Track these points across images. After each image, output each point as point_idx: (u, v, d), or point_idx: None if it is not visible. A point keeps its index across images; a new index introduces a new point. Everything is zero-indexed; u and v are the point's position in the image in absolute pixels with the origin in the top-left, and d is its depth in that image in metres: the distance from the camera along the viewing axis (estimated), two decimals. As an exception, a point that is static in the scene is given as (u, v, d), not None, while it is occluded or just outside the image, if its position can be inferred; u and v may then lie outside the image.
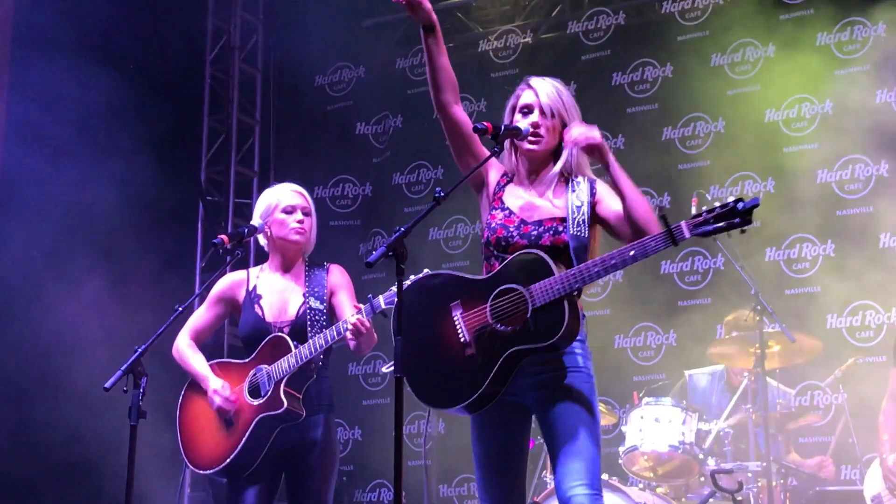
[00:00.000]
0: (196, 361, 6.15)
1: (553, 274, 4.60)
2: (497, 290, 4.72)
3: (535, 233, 4.82)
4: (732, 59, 10.43)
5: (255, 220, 6.17)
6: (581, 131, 4.77)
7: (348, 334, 5.71)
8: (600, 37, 11.13)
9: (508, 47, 11.56)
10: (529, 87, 5.06)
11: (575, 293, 4.63)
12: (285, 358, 5.85)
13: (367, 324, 5.70)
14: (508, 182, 5.09)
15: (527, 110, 5.01)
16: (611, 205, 4.85)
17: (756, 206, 4.38)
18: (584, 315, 4.86)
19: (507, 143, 5.03)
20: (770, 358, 7.90)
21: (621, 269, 4.66)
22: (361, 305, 5.73)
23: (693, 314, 9.92)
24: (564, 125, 4.96)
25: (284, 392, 5.82)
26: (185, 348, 6.21)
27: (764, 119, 10.15)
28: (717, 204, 4.43)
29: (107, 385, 5.41)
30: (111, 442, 8.77)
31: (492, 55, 11.62)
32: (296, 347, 5.85)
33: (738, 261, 8.07)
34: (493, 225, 4.93)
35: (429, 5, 4.94)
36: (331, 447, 6.02)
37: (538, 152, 4.97)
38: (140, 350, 5.45)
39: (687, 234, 4.49)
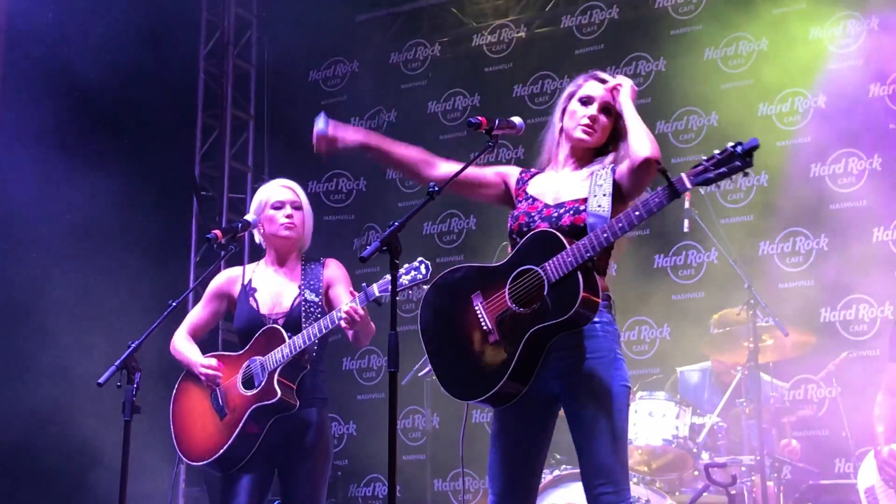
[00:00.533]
0: (189, 350, 6.18)
1: (565, 247, 4.58)
2: (514, 273, 4.71)
3: (555, 214, 4.79)
4: (725, 52, 10.44)
5: (250, 216, 6.18)
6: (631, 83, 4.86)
7: (342, 323, 5.71)
8: (594, 31, 11.14)
9: (502, 42, 11.56)
10: (597, 80, 5.05)
11: (590, 264, 4.58)
12: (279, 348, 5.85)
13: (361, 311, 5.69)
14: (535, 175, 5.08)
15: (587, 101, 4.99)
16: (623, 165, 4.81)
17: (755, 146, 4.26)
18: (608, 296, 4.84)
19: (556, 130, 5.06)
20: (763, 352, 7.91)
21: (629, 230, 4.57)
22: (356, 293, 5.72)
23: (687, 308, 9.93)
24: (616, 127, 4.98)
25: (278, 382, 5.83)
26: (180, 341, 6.23)
27: (757, 113, 10.16)
28: (717, 151, 4.36)
29: (100, 380, 5.44)
30: (105, 437, 8.77)
31: (485, 49, 11.62)
32: (290, 338, 5.85)
33: (732, 255, 8.08)
34: (517, 213, 4.93)
35: (350, 138, 4.94)
36: (324, 440, 6.02)
37: (588, 143, 4.97)
38: (134, 345, 5.47)
39: (688, 185, 4.40)
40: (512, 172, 5.14)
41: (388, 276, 5.37)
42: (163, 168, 10.93)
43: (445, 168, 5.09)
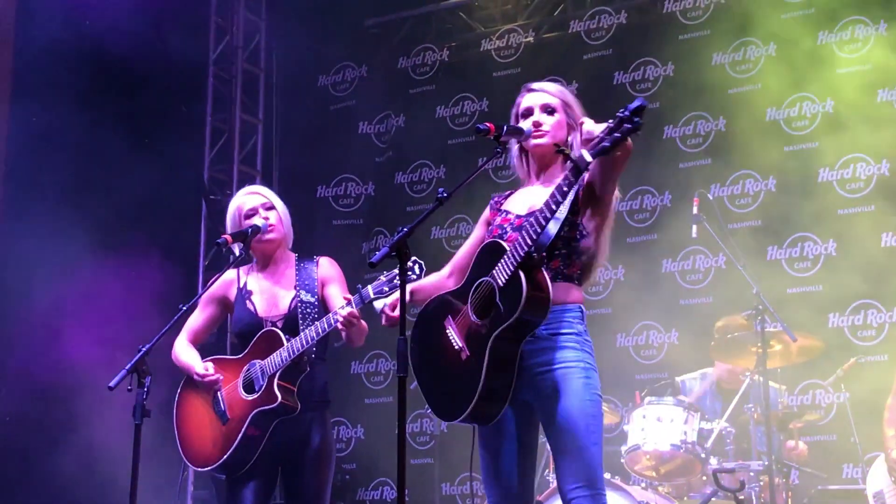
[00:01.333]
0: (186, 355, 6.19)
1: (506, 251, 4.61)
2: (473, 287, 4.75)
3: (525, 223, 4.77)
4: (734, 57, 10.44)
5: (258, 221, 6.16)
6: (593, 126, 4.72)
7: (339, 325, 5.73)
8: (602, 36, 11.15)
9: (510, 46, 11.58)
10: (528, 90, 5.08)
11: (534, 262, 4.57)
12: (278, 352, 5.86)
13: (357, 314, 5.72)
14: (512, 193, 5.11)
15: (527, 113, 5.02)
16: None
17: (642, 106, 4.34)
18: (581, 308, 4.84)
19: (515, 150, 5.06)
20: (771, 357, 7.91)
21: (559, 216, 4.56)
22: (351, 297, 5.73)
23: (695, 313, 9.93)
24: (569, 121, 4.98)
25: (278, 386, 5.83)
26: (179, 347, 6.25)
27: (765, 118, 10.16)
28: (609, 121, 4.39)
29: (111, 384, 5.44)
30: (115, 440, 8.79)
31: (494, 54, 11.64)
32: (288, 341, 5.86)
33: (740, 260, 8.09)
34: (491, 228, 4.98)
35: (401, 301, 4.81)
36: (326, 443, 6.03)
37: (545, 146, 4.97)
38: (144, 349, 5.47)
39: (588, 158, 4.42)
40: (487, 210, 5.18)
41: (383, 278, 5.53)
42: (171, 172, 10.94)
43: (453, 266, 5.18)
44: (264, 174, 12.11)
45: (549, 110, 5.00)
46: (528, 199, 4.95)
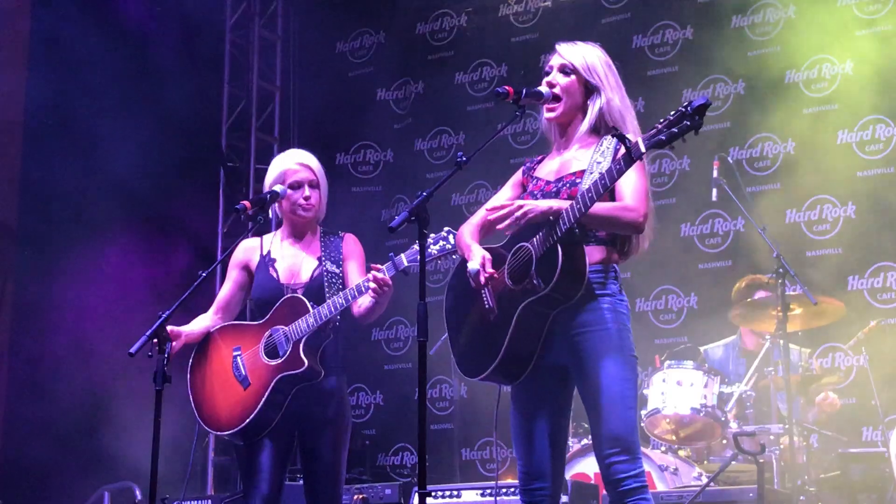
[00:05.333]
0: (195, 323, 6.15)
1: (550, 222, 4.60)
2: (512, 251, 4.75)
3: (554, 190, 4.80)
4: (753, 20, 10.40)
5: (278, 187, 6.15)
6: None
7: (370, 293, 5.71)
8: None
9: (528, 11, 11.53)
10: (554, 52, 5.03)
11: (575, 238, 4.59)
12: (304, 317, 5.84)
13: (389, 282, 5.70)
14: (544, 158, 5.08)
15: (548, 72, 4.98)
16: (622, 181, 4.69)
17: (706, 104, 4.26)
18: (615, 268, 4.82)
19: (544, 112, 5.00)
20: (792, 320, 7.88)
21: (598, 199, 4.50)
22: (382, 266, 5.70)
23: (714, 277, 9.93)
24: (589, 85, 4.94)
25: (304, 351, 5.83)
26: (198, 320, 6.20)
27: (784, 80, 10.13)
28: (670, 114, 4.32)
29: (132, 350, 5.45)
30: (136, 405, 8.84)
31: (512, 19, 11.59)
32: (314, 307, 5.87)
33: (760, 223, 8.07)
34: (523, 195, 4.95)
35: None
36: (344, 408, 6.03)
37: (555, 119, 4.95)
38: (164, 315, 5.48)
39: (643, 149, 4.37)
40: (519, 172, 5.15)
41: (416, 247, 5.33)
42: (189, 139, 10.96)
43: (479, 218, 5.07)
44: (282, 141, 12.11)
45: (565, 71, 4.96)
46: (560, 163, 4.92)
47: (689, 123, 4.26)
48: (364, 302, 5.86)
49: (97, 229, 10.17)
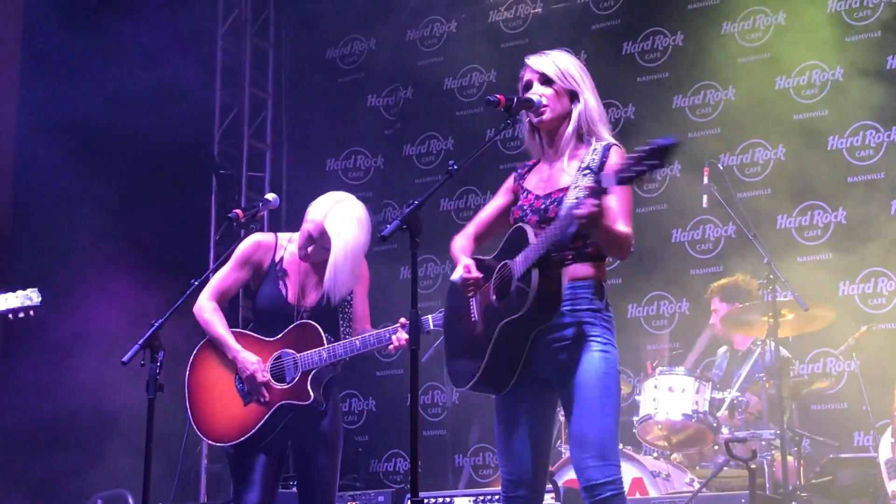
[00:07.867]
0: (219, 327, 5.98)
1: (529, 244, 4.61)
2: (498, 267, 4.76)
3: (543, 206, 4.79)
4: (743, 26, 10.42)
5: (270, 195, 6.12)
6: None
7: (391, 349, 5.74)
8: (610, 6, 11.11)
9: (518, 17, 11.55)
10: (526, 66, 5.03)
11: (552, 262, 4.58)
12: (317, 351, 5.80)
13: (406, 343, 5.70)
14: (532, 166, 5.07)
15: (527, 87, 4.96)
16: (616, 196, 4.65)
17: (670, 145, 4.14)
18: (600, 284, 4.81)
19: (527, 126, 5.01)
20: (783, 326, 7.91)
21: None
22: (407, 322, 5.61)
23: (706, 283, 9.92)
24: (571, 91, 4.94)
25: (311, 383, 5.81)
26: (210, 314, 5.99)
27: (774, 86, 10.15)
28: (643, 147, 4.20)
29: (124, 359, 5.42)
30: (127, 414, 8.83)
31: (502, 25, 11.61)
32: (328, 341, 5.84)
33: (750, 229, 8.08)
34: (514, 208, 4.95)
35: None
36: (337, 421, 6.01)
37: (545, 122, 4.95)
38: (157, 324, 5.45)
39: (609, 184, 4.30)
40: (510, 179, 5.13)
41: (443, 311, 5.27)
42: (181, 147, 10.96)
43: (472, 227, 5.10)
44: (274, 148, 12.13)
45: (545, 81, 4.96)
46: (546, 176, 4.92)
47: (657, 162, 4.19)
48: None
49: (89, 236, 10.16)
